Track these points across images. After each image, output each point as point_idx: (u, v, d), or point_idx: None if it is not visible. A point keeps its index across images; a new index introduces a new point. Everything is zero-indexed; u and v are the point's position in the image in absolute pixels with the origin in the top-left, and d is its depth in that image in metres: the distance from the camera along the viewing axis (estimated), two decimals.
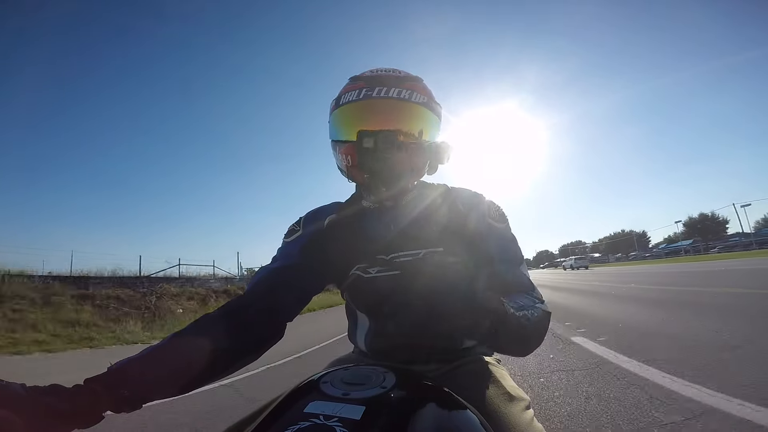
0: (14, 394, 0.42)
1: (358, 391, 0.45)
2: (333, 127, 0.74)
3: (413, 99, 0.69)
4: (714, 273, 11.56)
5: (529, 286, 0.71)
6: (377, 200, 0.76)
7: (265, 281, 0.74)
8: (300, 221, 0.82)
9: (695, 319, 4.49)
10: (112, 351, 6.23)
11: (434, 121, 0.73)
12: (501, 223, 0.76)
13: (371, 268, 0.74)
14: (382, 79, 0.70)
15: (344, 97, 0.71)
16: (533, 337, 0.63)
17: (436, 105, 0.74)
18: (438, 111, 0.74)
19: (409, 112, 0.69)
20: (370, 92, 0.68)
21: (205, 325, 0.64)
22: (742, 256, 24.84)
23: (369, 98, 0.68)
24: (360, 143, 0.65)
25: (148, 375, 0.52)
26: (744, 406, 1.91)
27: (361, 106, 0.69)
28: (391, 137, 0.64)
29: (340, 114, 0.72)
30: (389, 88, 0.68)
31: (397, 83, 0.69)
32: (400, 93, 0.68)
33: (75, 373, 0.79)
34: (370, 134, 0.65)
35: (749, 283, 7.58)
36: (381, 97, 0.68)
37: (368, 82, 0.70)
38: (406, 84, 0.70)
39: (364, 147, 0.65)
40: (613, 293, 9.01)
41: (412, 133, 0.69)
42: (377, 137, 0.64)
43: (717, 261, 20.58)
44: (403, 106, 0.68)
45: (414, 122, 0.69)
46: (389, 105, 0.68)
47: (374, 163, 0.66)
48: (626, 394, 2.31)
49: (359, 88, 0.69)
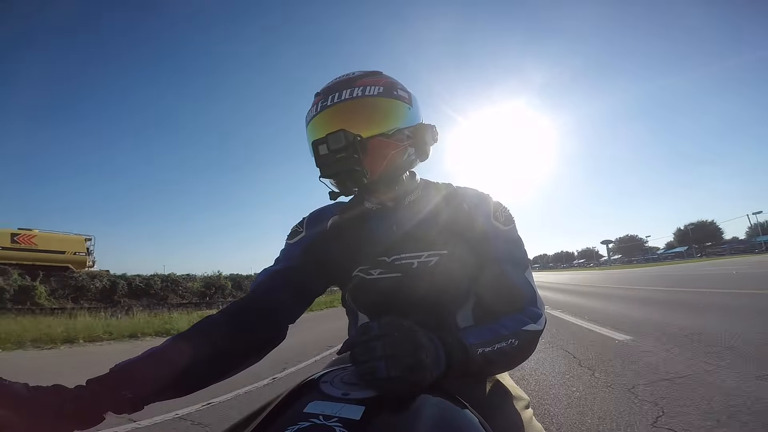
0: (16, 394, 0.42)
1: (357, 391, 0.45)
2: (308, 140, 0.72)
3: (367, 93, 0.69)
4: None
5: (531, 294, 0.69)
6: (378, 201, 0.76)
7: (267, 283, 0.74)
8: (303, 222, 0.82)
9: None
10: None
11: (399, 107, 0.72)
12: (507, 225, 0.74)
13: (373, 270, 0.74)
14: (336, 86, 0.70)
15: (307, 117, 0.72)
16: (505, 366, 0.64)
17: (401, 91, 0.73)
18: (402, 96, 0.73)
19: (363, 108, 0.69)
20: (325, 102, 0.69)
21: (207, 327, 0.64)
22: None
23: (325, 109, 0.69)
24: (316, 153, 0.65)
25: (149, 376, 0.52)
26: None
27: (318, 119, 0.70)
28: (339, 135, 0.63)
29: (308, 134, 0.72)
30: (341, 91, 0.69)
31: (348, 85, 0.69)
32: (352, 92, 0.68)
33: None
34: (321, 141, 0.65)
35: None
36: (334, 104, 0.68)
37: (323, 94, 0.71)
38: (358, 82, 0.70)
39: (321, 155, 0.65)
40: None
41: (373, 125, 0.68)
42: (327, 140, 0.64)
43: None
44: (355, 104, 0.68)
45: (372, 115, 0.69)
46: (342, 108, 0.68)
47: (332, 167, 0.65)
48: None
49: (316, 103, 0.71)
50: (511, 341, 0.60)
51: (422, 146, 0.75)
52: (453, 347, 0.53)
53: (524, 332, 0.62)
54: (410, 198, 0.77)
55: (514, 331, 0.61)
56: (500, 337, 0.59)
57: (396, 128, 0.71)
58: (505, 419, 0.67)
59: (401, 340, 0.46)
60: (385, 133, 0.69)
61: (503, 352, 0.58)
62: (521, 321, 0.64)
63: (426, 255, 0.72)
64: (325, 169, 0.66)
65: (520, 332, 0.62)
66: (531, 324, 0.64)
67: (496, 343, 0.58)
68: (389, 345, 0.45)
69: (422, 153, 0.76)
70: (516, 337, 0.61)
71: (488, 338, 0.58)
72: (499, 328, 0.60)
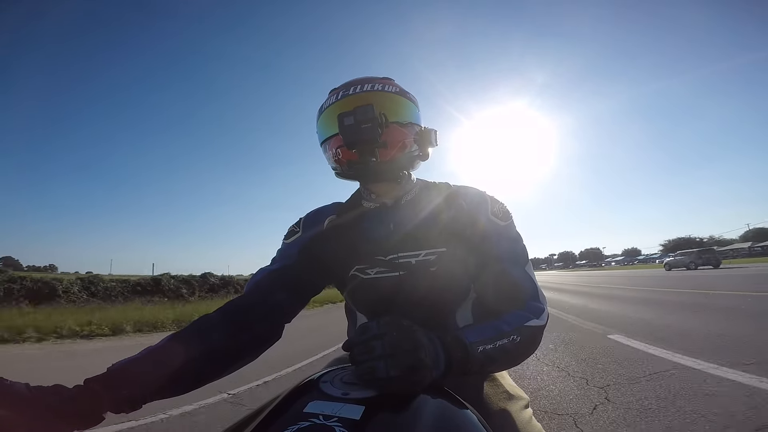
0: (17, 394, 0.42)
1: (357, 391, 0.45)
2: (319, 129, 0.78)
3: (386, 89, 0.74)
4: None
5: (532, 289, 0.69)
6: (377, 198, 0.77)
7: (264, 282, 0.74)
8: (299, 222, 0.82)
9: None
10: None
11: (412, 108, 0.77)
12: (505, 221, 0.74)
13: (370, 269, 0.74)
14: (354, 81, 0.76)
15: (325, 104, 0.77)
16: (508, 363, 0.64)
17: (412, 96, 0.78)
18: (414, 99, 0.78)
19: (383, 98, 0.73)
20: (346, 92, 0.74)
21: (204, 326, 0.64)
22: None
23: (346, 96, 0.73)
24: (341, 124, 0.67)
25: (147, 375, 0.52)
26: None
27: (340, 104, 0.73)
28: (369, 110, 0.66)
29: (324, 117, 0.76)
30: (361, 85, 0.74)
31: (366, 81, 0.75)
32: (373, 86, 0.74)
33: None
34: (348, 113, 0.67)
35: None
36: (356, 93, 0.73)
37: (344, 86, 0.76)
38: (378, 81, 0.76)
39: (346, 125, 0.66)
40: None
41: (392, 113, 0.72)
42: (355, 112, 0.66)
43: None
44: (377, 93, 0.74)
45: (391, 106, 0.73)
46: (364, 95, 0.73)
47: (357, 136, 0.67)
48: None
49: (336, 93, 0.75)
50: (513, 337, 0.60)
51: (425, 146, 0.77)
52: (453, 346, 0.53)
53: (526, 328, 0.62)
54: (408, 197, 0.78)
55: (516, 327, 0.61)
56: (502, 334, 0.59)
57: (409, 122, 0.75)
58: (504, 419, 0.67)
59: (401, 340, 0.46)
60: (400, 121, 0.73)
61: (505, 348, 0.58)
62: (523, 317, 0.64)
63: (425, 253, 0.72)
64: (349, 135, 0.67)
65: (522, 328, 0.62)
66: (533, 319, 0.64)
67: (498, 340, 0.58)
68: (389, 344, 0.45)
69: (424, 153, 0.78)
70: (518, 333, 0.61)
71: (489, 335, 0.58)
72: (501, 325, 0.60)
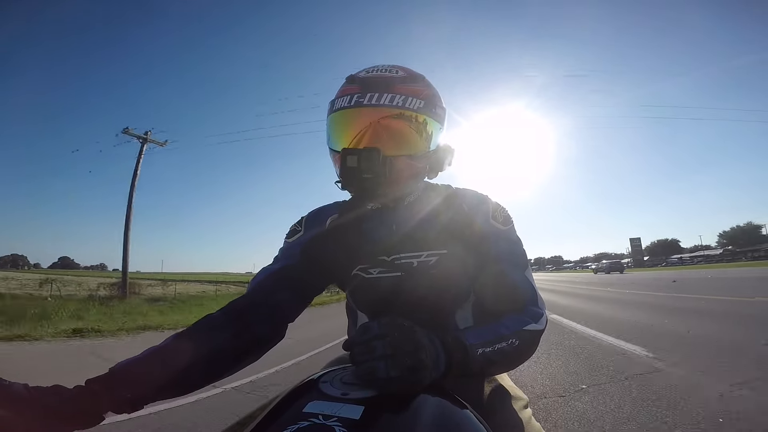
0: (16, 394, 0.42)
1: (357, 391, 0.45)
2: (328, 132, 0.72)
3: (407, 105, 0.66)
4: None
5: (531, 293, 0.69)
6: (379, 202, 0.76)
7: (266, 282, 0.74)
8: (302, 221, 0.82)
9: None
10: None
11: (432, 128, 0.70)
12: (506, 225, 0.74)
13: (372, 269, 0.74)
14: (377, 81, 0.67)
15: (338, 102, 0.69)
16: (506, 365, 0.64)
17: (439, 108, 0.72)
18: (439, 114, 0.72)
19: (398, 127, 0.66)
20: (362, 99, 0.65)
21: (207, 326, 0.64)
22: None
23: (360, 106, 0.66)
24: (344, 162, 0.64)
25: (149, 376, 0.52)
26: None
27: (350, 114, 0.67)
28: (374, 155, 0.63)
29: (332, 122, 0.70)
30: (381, 93, 0.65)
31: (389, 87, 0.66)
32: (393, 100, 0.65)
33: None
34: (353, 152, 0.64)
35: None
36: (372, 105, 0.65)
37: (362, 86, 0.67)
38: (400, 88, 0.67)
39: (348, 167, 0.64)
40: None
41: (404, 147, 0.67)
42: (360, 156, 0.63)
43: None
44: (391, 122, 0.66)
45: (405, 136, 0.67)
46: (377, 114, 0.65)
47: (357, 183, 0.65)
48: None
49: (351, 93, 0.67)
50: (512, 341, 0.60)
51: (437, 167, 0.75)
52: (453, 347, 0.53)
53: (525, 332, 0.62)
54: (410, 198, 0.77)
55: (515, 331, 0.61)
56: (501, 337, 0.59)
57: (424, 152, 0.70)
58: (504, 419, 0.67)
59: (401, 340, 0.46)
60: (412, 155, 0.69)
61: (504, 352, 0.58)
62: (522, 321, 0.64)
63: (426, 255, 0.72)
64: (349, 181, 0.66)
65: (521, 332, 0.62)
66: (532, 324, 0.64)
67: (497, 343, 0.58)
68: (389, 345, 0.45)
69: (435, 172, 0.77)
70: (517, 337, 0.61)
71: (489, 338, 0.58)
72: (500, 328, 0.60)
